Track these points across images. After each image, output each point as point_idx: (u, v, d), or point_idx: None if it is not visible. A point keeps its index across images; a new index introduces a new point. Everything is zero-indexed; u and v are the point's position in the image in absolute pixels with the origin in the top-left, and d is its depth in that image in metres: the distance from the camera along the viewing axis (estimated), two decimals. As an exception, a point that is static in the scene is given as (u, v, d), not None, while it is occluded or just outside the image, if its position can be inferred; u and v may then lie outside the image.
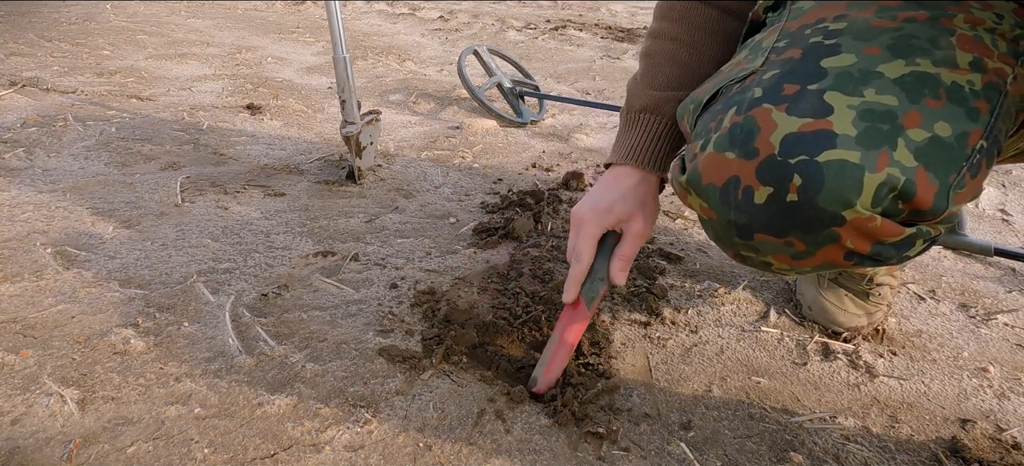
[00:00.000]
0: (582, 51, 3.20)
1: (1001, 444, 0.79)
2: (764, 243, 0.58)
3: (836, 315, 0.98)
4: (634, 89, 0.79)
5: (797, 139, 0.53)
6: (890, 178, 0.51)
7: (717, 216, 0.60)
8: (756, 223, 0.57)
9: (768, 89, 0.57)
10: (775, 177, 0.54)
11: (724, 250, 0.64)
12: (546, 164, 1.68)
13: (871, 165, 0.51)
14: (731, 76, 0.63)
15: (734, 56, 0.71)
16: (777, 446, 0.76)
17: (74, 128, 1.69)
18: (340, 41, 1.35)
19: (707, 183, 0.59)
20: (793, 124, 0.54)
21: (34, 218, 1.19)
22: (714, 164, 0.58)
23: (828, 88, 0.54)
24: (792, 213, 0.54)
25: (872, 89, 0.53)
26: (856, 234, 0.54)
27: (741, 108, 0.57)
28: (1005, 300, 1.13)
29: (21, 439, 0.70)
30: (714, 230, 0.62)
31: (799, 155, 0.53)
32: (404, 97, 2.25)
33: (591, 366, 0.86)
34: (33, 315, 0.91)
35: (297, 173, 1.51)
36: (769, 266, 0.61)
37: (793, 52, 0.59)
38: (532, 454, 0.72)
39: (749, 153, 0.55)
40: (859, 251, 0.55)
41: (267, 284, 1.02)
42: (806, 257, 0.58)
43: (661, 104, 0.76)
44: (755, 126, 0.55)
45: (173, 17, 3.43)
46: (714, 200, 0.59)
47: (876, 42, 0.56)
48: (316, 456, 0.70)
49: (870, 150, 0.51)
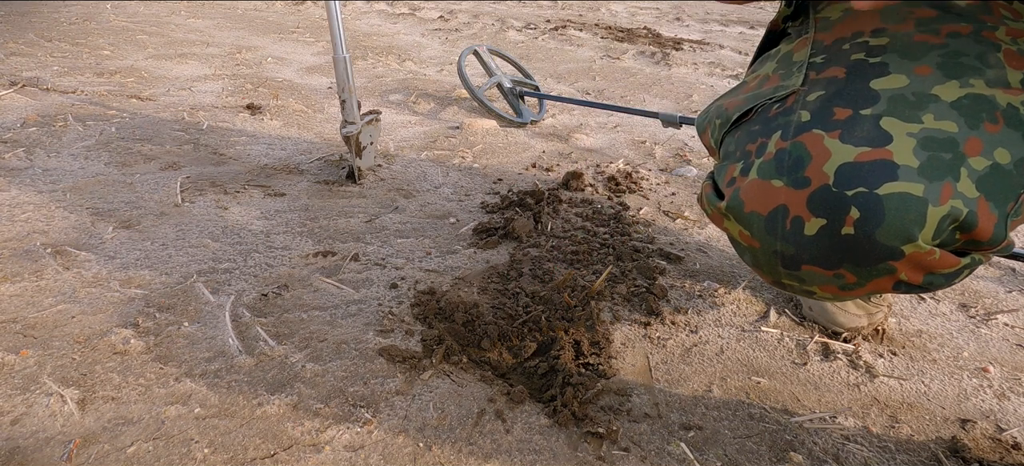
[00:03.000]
0: (582, 51, 3.20)
1: (1001, 444, 0.79)
2: (811, 274, 0.55)
3: (837, 315, 0.98)
4: None
5: (854, 169, 0.50)
6: (953, 210, 0.49)
7: (760, 246, 0.57)
8: (805, 255, 0.54)
9: (817, 112, 0.54)
10: (829, 209, 0.51)
11: (762, 276, 0.61)
12: (546, 164, 1.68)
13: (935, 198, 0.49)
14: (766, 93, 0.60)
15: (756, 68, 0.68)
16: (777, 446, 0.76)
17: (74, 128, 1.69)
18: (340, 41, 1.35)
19: (750, 211, 0.56)
20: (849, 153, 0.51)
21: (34, 218, 1.19)
22: (759, 192, 0.55)
23: (883, 113, 0.51)
24: (847, 246, 0.51)
25: (930, 114, 0.51)
26: (912, 267, 0.51)
27: (787, 133, 0.54)
28: (1005, 300, 1.13)
29: (21, 439, 0.70)
30: (755, 258, 0.59)
31: (857, 187, 0.50)
32: (404, 97, 2.25)
33: (591, 366, 0.86)
34: (33, 315, 0.91)
35: (297, 173, 1.51)
36: (812, 295, 0.59)
37: (836, 71, 0.56)
38: (532, 454, 0.72)
39: (799, 182, 0.52)
40: (911, 282, 0.53)
41: (267, 284, 1.02)
42: (855, 288, 0.55)
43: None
44: (805, 153, 0.53)
45: (173, 17, 3.43)
46: (758, 229, 0.56)
47: (925, 61, 0.53)
48: (316, 456, 0.70)
49: (933, 182, 0.49)
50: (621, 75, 2.76)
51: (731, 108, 0.63)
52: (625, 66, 2.93)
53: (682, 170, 1.69)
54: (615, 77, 2.73)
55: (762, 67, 0.66)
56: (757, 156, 0.56)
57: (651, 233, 1.30)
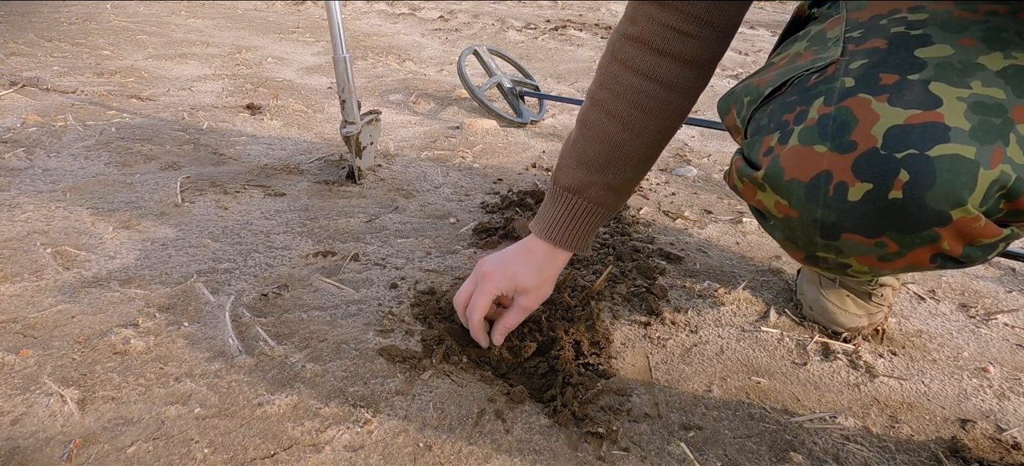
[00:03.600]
0: (582, 51, 3.20)
1: (1001, 444, 0.79)
2: (851, 244, 0.54)
3: (837, 315, 0.98)
4: (564, 158, 0.78)
5: (904, 132, 0.49)
6: (1002, 175, 0.49)
7: (799, 215, 0.56)
8: (847, 222, 0.53)
9: (862, 78, 0.53)
10: (877, 172, 0.50)
11: (792, 252, 0.60)
12: (546, 164, 1.68)
13: (986, 161, 0.48)
14: (801, 66, 0.59)
15: (783, 50, 0.67)
16: (777, 446, 0.76)
17: (74, 128, 1.69)
18: (340, 41, 1.35)
19: (790, 178, 0.55)
20: (899, 116, 0.50)
21: (34, 218, 1.19)
22: (800, 158, 0.54)
23: (932, 78, 0.51)
24: (893, 211, 0.51)
25: (978, 81, 0.50)
26: (956, 235, 0.51)
27: (831, 98, 0.53)
28: (1005, 300, 1.13)
29: (21, 439, 0.70)
30: (790, 230, 0.58)
31: (907, 149, 0.49)
32: (404, 97, 2.25)
33: (591, 366, 0.86)
34: (33, 315, 0.91)
35: (297, 173, 1.51)
36: (846, 268, 0.58)
37: (876, 42, 0.56)
38: (532, 454, 0.72)
39: (844, 146, 0.52)
40: (950, 254, 0.53)
41: (267, 284, 1.02)
42: (895, 259, 0.54)
43: (585, 187, 0.76)
44: (851, 117, 0.52)
45: (173, 17, 3.43)
46: (798, 197, 0.55)
47: (968, 34, 0.53)
48: (316, 456, 0.70)
49: (985, 145, 0.49)
50: (621, 75, 2.76)
51: (763, 85, 0.62)
52: (625, 66, 2.93)
53: (682, 170, 1.69)
54: (615, 77, 2.72)
55: (790, 48, 0.65)
56: (796, 123, 0.55)
57: (651, 233, 1.30)
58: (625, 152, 0.74)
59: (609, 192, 0.77)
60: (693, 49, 0.69)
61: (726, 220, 1.39)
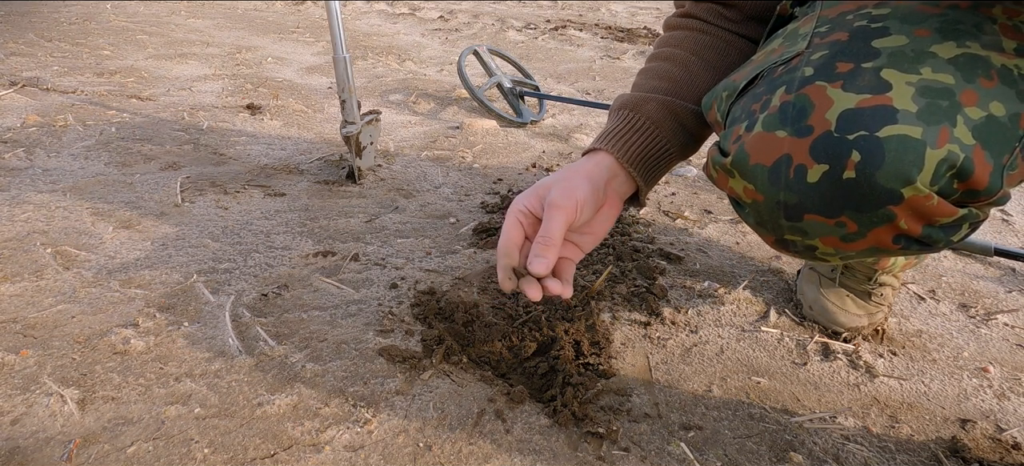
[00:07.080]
0: (582, 51, 3.20)
1: (1001, 444, 0.79)
2: (813, 225, 0.57)
3: (837, 315, 0.98)
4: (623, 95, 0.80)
5: (855, 115, 0.52)
6: (950, 155, 0.51)
7: (764, 198, 0.58)
8: (807, 203, 0.55)
9: (820, 67, 0.56)
10: (831, 154, 0.53)
11: (764, 236, 0.62)
12: (546, 164, 1.68)
13: (933, 141, 0.51)
14: (771, 61, 0.62)
15: (763, 46, 0.70)
16: (777, 446, 0.76)
17: (74, 128, 1.69)
18: (340, 41, 1.35)
19: (755, 163, 0.57)
20: (850, 100, 0.53)
21: (34, 218, 1.19)
22: (763, 143, 0.57)
23: (884, 66, 0.54)
24: (848, 191, 0.53)
25: (928, 67, 0.53)
26: (911, 214, 0.53)
27: (791, 87, 0.56)
28: (1005, 300, 1.13)
29: (21, 439, 0.70)
30: (758, 214, 0.60)
31: (858, 131, 0.52)
32: (404, 97, 2.25)
33: (591, 366, 0.86)
34: (33, 315, 0.91)
35: (297, 173, 1.51)
36: (814, 251, 0.60)
37: (839, 35, 0.59)
38: (532, 454, 0.72)
39: (802, 131, 0.54)
40: (910, 233, 0.55)
41: (267, 284, 1.02)
42: (856, 239, 0.57)
43: (642, 103, 0.74)
44: (808, 103, 0.54)
45: (173, 17, 3.43)
46: (762, 181, 0.57)
47: (924, 26, 0.56)
48: (316, 456, 0.70)
49: (931, 126, 0.51)
50: (621, 75, 2.76)
51: (738, 80, 0.65)
52: (625, 66, 2.93)
53: (681, 170, 1.69)
54: (615, 77, 2.73)
55: (769, 44, 0.68)
56: (761, 112, 0.58)
57: (651, 233, 1.30)
58: (682, 87, 0.75)
59: (665, 112, 0.73)
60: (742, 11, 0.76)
61: (726, 220, 1.39)
